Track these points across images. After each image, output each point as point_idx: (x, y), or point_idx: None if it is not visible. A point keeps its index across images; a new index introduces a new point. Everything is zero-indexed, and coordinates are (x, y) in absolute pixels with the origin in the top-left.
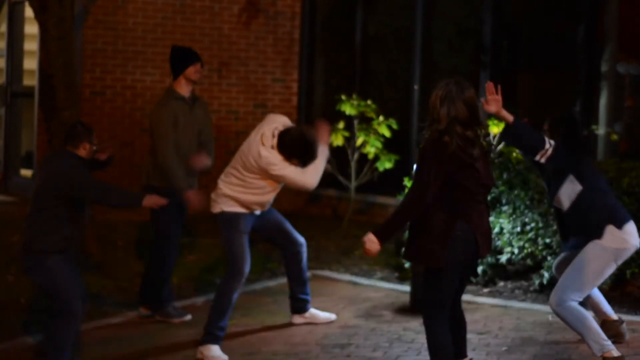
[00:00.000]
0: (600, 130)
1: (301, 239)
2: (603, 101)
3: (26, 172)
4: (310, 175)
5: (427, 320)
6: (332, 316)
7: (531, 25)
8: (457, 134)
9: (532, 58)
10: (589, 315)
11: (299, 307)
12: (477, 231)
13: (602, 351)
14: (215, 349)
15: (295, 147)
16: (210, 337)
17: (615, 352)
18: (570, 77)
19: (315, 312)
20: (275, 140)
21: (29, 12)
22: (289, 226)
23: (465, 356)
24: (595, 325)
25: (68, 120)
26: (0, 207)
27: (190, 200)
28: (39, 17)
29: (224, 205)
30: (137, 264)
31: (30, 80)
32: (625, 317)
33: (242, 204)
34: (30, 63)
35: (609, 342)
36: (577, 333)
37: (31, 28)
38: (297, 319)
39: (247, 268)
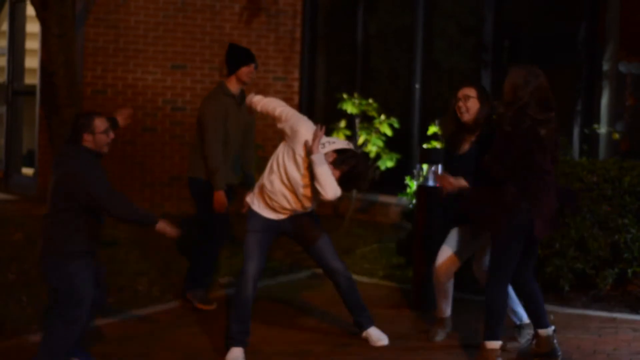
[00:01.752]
0: (602, 129)
1: (335, 265)
2: (604, 100)
3: (27, 171)
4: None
5: (488, 282)
6: (384, 339)
7: (532, 24)
8: (531, 115)
9: (533, 56)
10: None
11: (356, 326)
12: (538, 212)
13: (520, 320)
14: (234, 352)
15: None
16: (229, 340)
17: (527, 319)
18: (572, 76)
19: (370, 333)
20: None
21: (30, 10)
22: (320, 246)
23: (547, 326)
24: (515, 297)
25: (69, 118)
26: (2, 205)
27: (218, 203)
28: (40, 15)
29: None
30: (137, 262)
31: (32, 79)
32: (626, 316)
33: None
34: (32, 61)
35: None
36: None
37: (32, 26)
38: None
39: (251, 268)
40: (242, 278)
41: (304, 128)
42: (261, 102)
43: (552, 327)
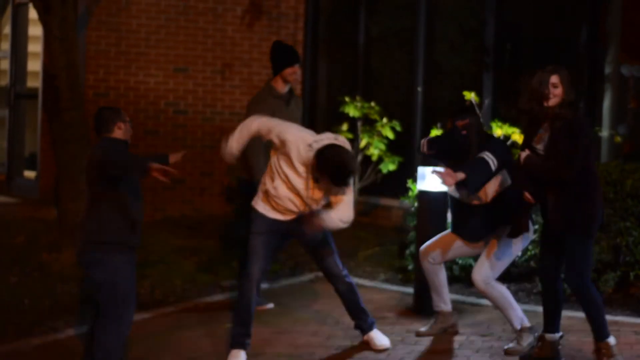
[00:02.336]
0: (604, 132)
1: (335, 271)
2: (606, 103)
3: (29, 174)
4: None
5: (578, 286)
6: (386, 342)
7: (534, 27)
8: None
9: (535, 59)
10: (509, 291)
11: (359, 329)
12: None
13: (521, 324)
14: (235, 354)
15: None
16: (232, 341)
17: (528, 322)
18: (573, 79)
19: (372, 336)
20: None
21: (32, 13)
22: (323, 251)
23: (556, 331)
24: (514, 301)
25: (71, 121)
26: (4, 208)
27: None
28: (42, 18)
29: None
30: (139, 265)
31: (34, 82)
32: (628, 319)
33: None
34: (34, 64)
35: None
36: (499, 309)
37: (35, 29)
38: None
39: (255, 270)
40: (245, 280)
41: (290, 134)
42: (234, 142)
43: (560, 334)
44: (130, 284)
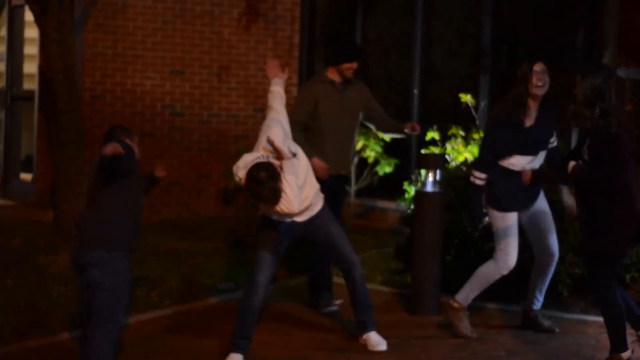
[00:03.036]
0: None
1: (352, 257)
2: None
3: (26, 176)
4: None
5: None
6: (383, 345)
7: (531, 29)
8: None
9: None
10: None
11: (358, 327)
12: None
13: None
14: (233, 358)
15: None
16: (232, 345)
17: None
18: (570, 82)
19: (370, 337)
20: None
21: (29, 15)
22: (341, 241)
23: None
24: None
25: (68, 124)
26: (0, 211)
27: (315, 165)
28: (38, 20)
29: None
30: (135, 268)
31: (30, 84)
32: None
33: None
34: (31, 67)
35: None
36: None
37: (31, 32)
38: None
39: (262, 277)
40: (251, 286)
41: (263, 138)
42: (270, 99)
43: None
44: (126, 292)
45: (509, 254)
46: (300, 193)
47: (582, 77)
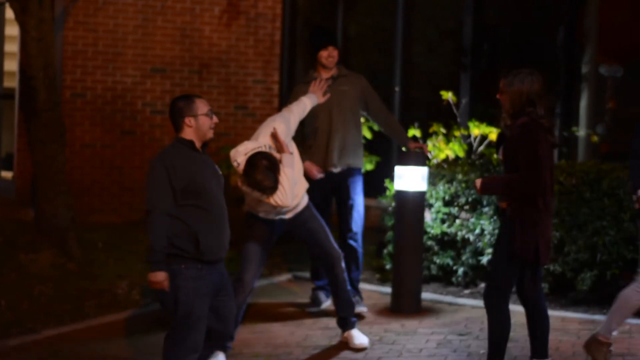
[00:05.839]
0: (581, 132)
1: (335, 253)
2: (583, 103)
3: (6, 174)
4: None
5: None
6: (365, 342)
7: (511, 27)
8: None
9: (513, 59)
10: None
11: (340, 324)
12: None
13: None
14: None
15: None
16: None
17: None
18: (551, 79)
19: (352, 334)
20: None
21: (9, 13)
22: (324, 237)
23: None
24: None
25: (48, 122)
26: None
27: (308, 170)
28: (19, 18)
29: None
30: (117, 265)
31: (11, 82)
32: (605, 318)
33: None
34: (11, 64)
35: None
36: None
37: (12, 29)
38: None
39: (249, 276)
40: (238, 285)
41: (262, 135)
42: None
43: None
44: (197, 304)
45: None
46: (294, 189)
47: (508, 84)
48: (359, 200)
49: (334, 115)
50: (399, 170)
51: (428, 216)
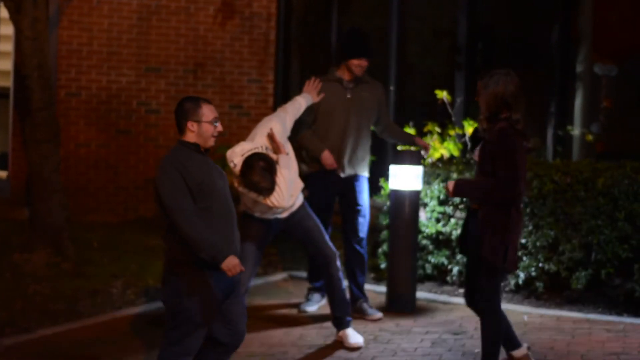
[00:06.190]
0: (576, 130)
1: (329, 252)
2: (578, 102)
3: (1, 174)
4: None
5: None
6: (360, 341)
7: (506, 26)
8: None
9: (507, 58)
10: None
11: (335, 324)
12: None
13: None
14: None
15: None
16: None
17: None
18: (545, 78)
19: (347, 334)
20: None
21: (3, 12)
22: (319, 236)
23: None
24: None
25: (43, 121)
26: None
27: (325, 159)
28: (13, 17)
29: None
30: (112, 265)
31: (5, 81)
32: (599, 317)
33: (245, 204)
34: (5, 64)
35: None
36: None
37: (6, 29)
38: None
39: (245, 276)
40: None
41: (258, 136)
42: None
43: (526, 345)
44: (199, 311)
45: None
46: (290, 189)
47: (483, 86)
48: (366, 206)
49: (351, 119)
50: (393, 169)
51: (423, 215)
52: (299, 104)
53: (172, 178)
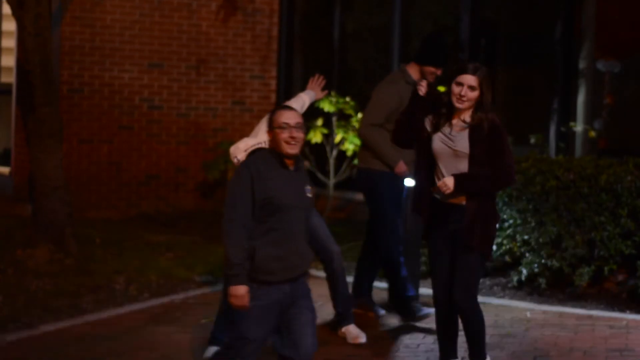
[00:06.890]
0: (578, 127)
1: (333, 248)
2: (581, 98)
3: (3, 170)
4: None
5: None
6: (362, 337)
7: (509, 23)
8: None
9: (510, 55)
10: None
11: (337, 319)
12: None
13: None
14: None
15: None
16: (212, 338)
17: None
18: (548, 74)
19: (349, 330)
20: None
21: (6, 8)
22: (322, 232)
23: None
24: None
25: (45, 117)
26: None
27: (401, 172)
28: (16, 13)
29: None
30: (114, 261)
31: (8, 77)
32: (602, 313)
33: None
34: (8, 60)
35: None
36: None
37: (9, 25)
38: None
39: None
40: None
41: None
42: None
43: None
44: (251, 326)
45: None
46: None
47: (482, 76)
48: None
49: None
50: None
51: None
52: (302, 101)
53: (241, 183)
